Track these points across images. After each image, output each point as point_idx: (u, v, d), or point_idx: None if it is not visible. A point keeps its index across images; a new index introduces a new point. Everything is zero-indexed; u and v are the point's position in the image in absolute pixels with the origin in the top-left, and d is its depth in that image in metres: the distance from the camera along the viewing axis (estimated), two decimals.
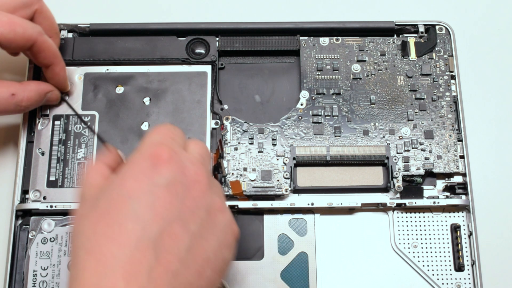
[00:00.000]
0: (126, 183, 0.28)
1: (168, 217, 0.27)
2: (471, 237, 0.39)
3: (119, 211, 0.27)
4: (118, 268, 0.25)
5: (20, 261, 0.38)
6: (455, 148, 0.41)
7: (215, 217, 0.29)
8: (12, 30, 0.35)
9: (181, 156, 0.29)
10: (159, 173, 0.28)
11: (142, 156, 0.29)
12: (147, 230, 0.26)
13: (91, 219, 0.27)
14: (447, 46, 0.44)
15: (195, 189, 0.29)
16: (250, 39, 0.44)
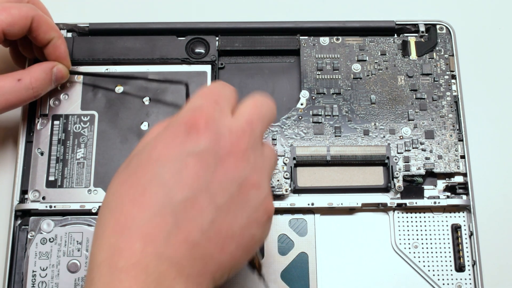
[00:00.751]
0: (157, 146, 0.27)
1: (194, 187, 0.26)
2: (472, 237, 0.39)
3: (145, 173, 0.27)
4: (136, 230, 0.25)
5: (19, 261, 0.38)
6: (455, 148, 0.41)
7: (247, 192, 0.28)
8: (9, 14, 0.36)
9: (219, 123, 0.28)
10: (191, 141, 0.27)
11: (178, 121, 0.28)
12: (170, 196, 0.26)
13: (120, 178, 0.27)
14: (447, 46, 0.44)
15: (228, 161, 0.27)
16: (250, 38, 0.44)
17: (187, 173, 0.26)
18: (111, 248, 0.25)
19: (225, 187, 0.27)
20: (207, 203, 0.26)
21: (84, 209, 0.39)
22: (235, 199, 0.27)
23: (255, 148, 0.29)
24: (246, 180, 0.28)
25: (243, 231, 0.28)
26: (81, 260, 0.38)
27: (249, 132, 0.28)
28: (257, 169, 0.28)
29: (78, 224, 0.39)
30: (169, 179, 0.26)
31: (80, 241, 0.39)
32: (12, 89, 0.37)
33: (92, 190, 0.40)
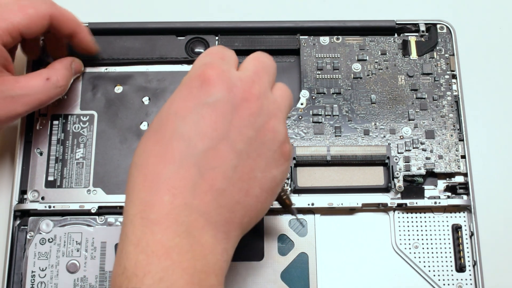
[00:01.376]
0: (174, 102, 0.28)
1: (214, 136, 0.28)
2: (473, 237, 0.39)
3: (166, 129, 0.28)
4: (163, 184, 0.27)
5: (18, 261, 0.38)
6: (456, 148, 0.41)
7: (264, 136, 0.29)
8: (25, 14, 0.35)
9: (230, 74, 0.29)
10: (206, 92, 0.28)
11: (191, 76, 0.29)
12: (191, 148, 0.27)
13: (145, 137, 0.29)
14: (448, 45, 0.43)
15: (243, 107, 0.29)
16: (250, 38, 0.43)
17: (205, 123, 0.28)
18: (142, 203, 0.27)
19: (243, 133, 0.28)
20: (227, 150, 0.28)
21: (83, 209, 0.39)
22: (253, 143, 0.29)
23: (266, 94, 0.30)
24: (263, 124, 0.29)
25: (264, 173, 0.29)
26: (80, 261, 0.38)
27: (257, 80, 0.30)
28: (270, 115, 0.30)
29: (77, 224, 0.39)
30: (188, 131, 0.27)
31: (79, 241, 0.39)
32: (42, 89, 0.37)
33: (92, 190, 0.40)
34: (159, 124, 0.29)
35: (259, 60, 0.32)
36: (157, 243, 0.26)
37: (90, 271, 0.38)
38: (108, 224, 0.39)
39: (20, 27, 0.35)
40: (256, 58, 0.32)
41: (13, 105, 0.36)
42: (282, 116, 0.31)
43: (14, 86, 0.36)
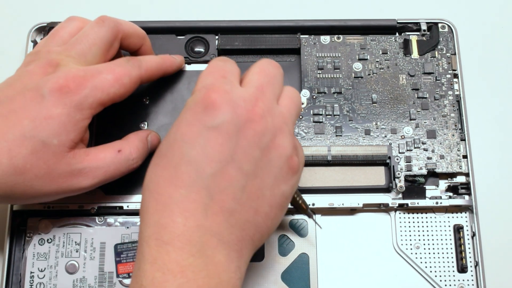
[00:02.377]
0: (180, 127, 0.29)
1: (221, 159, 0.28)
2: (474, 238, 0.39)
3: (174, 154, 0.28)
4: (176, 207, 0.27)
5: (17, 262, 0.38)
6: (458, 147, 0.41)
7: (270, 153, 0.30)
8: (121, 85, 0.34)
9: (233, 94, 0.29)
10: (210, 116, 0.29)
11: (195, 100, 0.29)
12: (200, 172, 0.28)
13: (154, 162, 0.30)
14: (449, 44, 0.43)
15: (248, 128, 0.29)
16: (250, 37, 0.43)
17: (211, 147, 0.28)
18: (155, 225, 0.28)
19: (249, 154, 0.29)
20: (235, 172, 0.28)
21: (82, 209, 0.39)
22: (260, 163, 0.29)
23: (271, 110, 0.30)
24: (268, 143, 0.29)
25: (272, 190, 0.30)
26: (80, 261, 0.38)
27: (261, 96, 0.30)
28: (276, 130, 0.30)
29: (77, 224, 0.39)
30: (196, 156, 0.28)
31: (78, 242, 0.38)
32: (112, 161, 0.35)
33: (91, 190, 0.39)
34: (167, 149, 0.29)
35: (263, 73, 0.31)
36: (172, 262, 0.27)
37: (89, 271, 0.38)
38: (107, 225, 0.39)
39: (115, 97, 0.34)
40: (260, 71, 0.32)
41: (78, 179, 0.33)
42: (289, 129, 0.31)
43: (83, 159, 0.33)
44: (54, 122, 0.32)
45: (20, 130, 0.31)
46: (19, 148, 0.31)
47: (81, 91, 0.32)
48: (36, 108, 0.32)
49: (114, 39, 0.36)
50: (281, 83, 0.33)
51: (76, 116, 0.32)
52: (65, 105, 0.32)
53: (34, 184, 0.32)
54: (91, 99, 0.33)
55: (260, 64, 0.32)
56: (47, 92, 0.32)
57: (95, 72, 0.33)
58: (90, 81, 0.33)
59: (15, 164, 0.31)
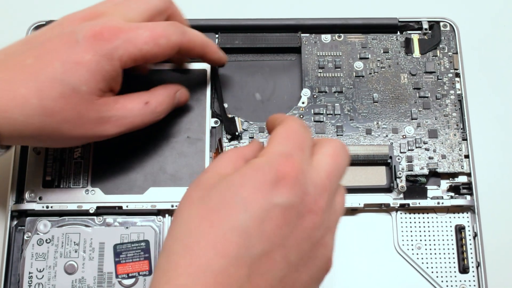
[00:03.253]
0: (244, 189, 0.26)
1: (273, 241, 0.26)
2: (476, 238, 0.39)
3: (228, 216, 0.26)
4: (210, 277, 0.25)
5: (16, 262, 0.38)
6: (459, 147, 0.40)
7: (317, 251, 0.28)
8: (156, 44, 0.33)
9: (306, 177, 0.27)
10: (280, 192, 0.26)
11: (269, 166, 0.27)
12: (249, 247, 0.25)
13: (199, 211, 0.26)
14: (451, 43, 0.43)
15: (308, 219, 0.27)
16: (251, 36, 0.43)
17: (270, 226, 0.26)
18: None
19: (300, 245, 0.27)
20: (281, 259, 0.26)
21: (81, 209, 0.38)
22: (305, 257, 0.27)
23: (331, 204, 0.29)
24: (319, 240, 0.28)
25: (304, 286, 0.27)
26: (78, 262, 0.38)
27: (329, 187, 0.28)
28: (328, 228, 0.28)
29: (75, 224, 0.38)
30: (251, 228, 0.25)
31: (77, 242, 0.38)
32: (138, 112, 0.35)
33: (90, 190, 0.39)
34: (220, 205, 0.26)
35: (335, 158, 0.29)
36: None
37: (88, 272, 0.38)
38: (106, 225, 0.39)
39: (148, 55, 0.33)
40: (333, 155, 0.29)
41: (105, 126, 0.34)
42: (335, 230, 0.29)
43: (112, 107, 0.34)
44: (83, 68, 0.32)
45: (51, 72, 0.31)
46: (49, 90, 0.31)
47: (113, 41, 0.32)
48: (68, 52, 0.32)
49: (164, 8, 0.36)
50: (344, 174, 0.30)
51: (105, 65, 0.32)
52: (96, 53, 0.32)
53: (62, 127, 0.32)
54: (122, 51, 0.32)
55: (335, 145, 0.30)
56: (81, 38, 0.32)
57: (133, 27, 0.33)
58: (125, 34, 0.32)
59: (44, 105, 0.31)
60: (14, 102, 0.31)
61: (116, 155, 0.40)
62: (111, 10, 0.34)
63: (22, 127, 0.32)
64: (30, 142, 0.33)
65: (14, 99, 0.31)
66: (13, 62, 0.32)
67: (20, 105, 0.31)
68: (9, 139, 0.32)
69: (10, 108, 0.31)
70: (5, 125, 0.31)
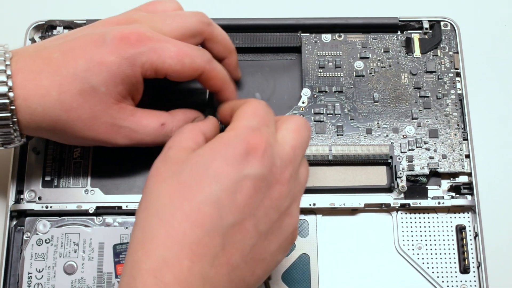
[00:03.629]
0: (215, 162, 0.27)
1: (245, 211, 0.27)
2: (477, 238, 0.39)
3: (201, 189, 0.27)
4: (186, 247, 0.26)
5: (15, 263, 0.38)
6: (460, 147, 0.40)
7: (283, 221, 0.29)
8: (180, 61, 0.33)
9: (273, 149, 0.29)
10: (250, 164, 0.27)
11: (238, 139, 0.28)
12: (223, 218, 0.27)
13: (171, 186, 0.27)
14: (452, 43, 0.43)
15: (275, 189, 0.28)
16: (250, 35, 0.43)
17: (241, 196, 0.27)
18: (159, 260, 0.26)
19: (268, 214, 0.28)
20: (252, 228, 0.28)
21: (81, 209, 0.38)
22: (273, 226, 0.29)
23: (295, 176, 0.30)
24: (285, 209, 0.29)
25: (272, 256, 0.29)
26: (78, 262, 0.38)
27: (293, 159, 0.30)
28: (294, 198, 0.30)
29: (75, 224, 0.38)
30: (224, 199, 0.27)
31: (76, 242, 0.38)
32: (152, 132, 0.35)
33: (89, 190, 0.39)
34: (193, 178, 0.27)
35: (298, 133, 0.31)
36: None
37: (87, 272, 0.38)
38: (106, 225, 0.39)
39: (169, 70, 0.33)
40: (296, 130, 0.31)
41: (116, 135, 0.34)
42: (299, 200, 0.31)
43: (127, 117, 0.34)
44: (105, 69, 0.32)
45: (74, 68, 0.32)
46: (69, 85, 0.32)
47: (138, 47, 0.32)
48: (93, 51, 0.32)
49: (198, 32, 0.36)
50: (307, 147, 0.32)
51: (125, 69, 0.32)
52: (119, 55, 0.32)
53: (75, 125, 0.33)
54: (145, 58, 0.32)
55: (296, 121, 0.31)
56: (109, 39, 0.32)
57: (161, 39, 0.33)
58: (152, 43, 0.33)
59: (62, 99, 0.32)
60: (36, 92, 0.32)
61: (115, 155, 0.40)
62: (146, 20, 0.34)
63: (40, 118, 0.32)
64: (45, 134, 0.34)
65: (37, 90, 0.32)
66: (40, 54, 0.33)
67: (40, 96, 0.32)
68: (27, 129, 0.33)
69: (31, 97, 0.32)
70: (24, 113, 0.32)
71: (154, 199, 0.28)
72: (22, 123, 0.32)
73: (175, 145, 0.30)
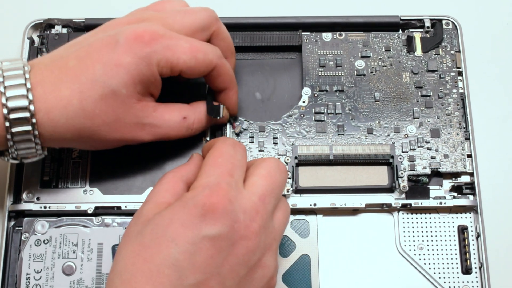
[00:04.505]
0: (173, 225, 0.28)
1: (206, 271, 0.27)
2: (479, 238, 0.39)
3: (160, 252, 0.27)
4: None
5: (13, 263, 0.37)
6: (462, 146, 0.40)
7: (255, 273, 0.29)
8: (194, 57, 0.33)
9: (235, 204, 0.28)
10: (208, 225, 0.28)
11: (195, 200, 0.28)
12: (183, 279, 0.27)
13: (134, 247, 0.28)
14: (454, 42, 0.43)
15: (241, 246, 0.28)
16: (251, 34, 0.43)
17: (201, 257, 0.27)
18: None
19: (235, 270, 0.28)
20: (217, 286, 0.27)
21: (79, 209, 0.38)
22: (243, 281, 0.28)
23: (267, 225, 0.30)
24: (256, 262, 0.29)
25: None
26: (77, 263, 0.38)
27: (262, 210, 0.29)
28: (266, 248, 0.29)
29: (74, 225, 0.38)
30: (182, 261, 0.27)
31: (75, 243, 0.38)
32: (175, 125, 0.35)
33: (88, 190, 0.39)
34: (152, 242, 0.28)
35: (269, 179, 0.31)
36: None
37: (86, 273, 0.37)
38: (105, 225, 0.38)
39: (184, 67, 0.33)
40: (266, 176, 0.31)
41: (141, 132, 0.34)
42: (276, 247, 0.31)
43: (149, 114, 0.34)
44: (123, 71, 0.32)
45: (92, 74, 0.32)
46: (90, 92, 0.32)
47: (153, 45, 0.32)
48: (109, 53, 0.32)
49: (207, 26, 0.36)
50: (282, 191, 0.32)
51: (143, 69, 0.32)
52: (135, 55, 0.32)
53: (100, 130, 0.33)
54: (160, 56, 0.32)
55: (268, 165, 0.31)
56: (123, 39, 0.32)
57: (174, 36, 0.33)
58: (166, 40, 0.33)
59: (84, 106, 0.32)
60: (57, 103, 0.31)
61: (114, 155, 0.39)
62: (156, 17, 0.34)
63: (63, 129, 0.32)
64: (69, 144, 0.34)
65: (58, 101, 0.31)
66: (57, 64, 0.32)
67: (62, 107, 0.32)
68: (50, 141, 0.33)
69: (53, 109, 0.31)
70: (47, 127, 0.32)
71: (119, 260, 0.28)
72: (45, 135, 0.32)
73: (151, 200, 0.30)
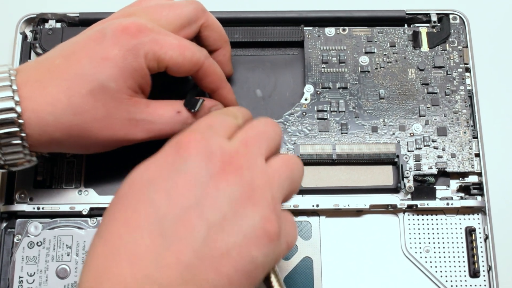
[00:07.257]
0: (149, 168, 0.28)
1: (184, 205, 0.26)
2: (487, 241, 0.38)
3: (136, 195, 0.27)
4: (125, 252, 0.25)
5: (5, 266, 0.37)
6: (470, 145, 0.40)
7: (243, 209, 0.27)
8: (181, 54, 0.33)
9: (211, 142, 0.28)
10: (181, 159, 0.27)
11: (170, 143, 0.28)
12: (160, 216, 0.26)
13: (111, 204, 0.28)
14: (461, 37, 0.42)
15: (220, 179, 0.27)
16: (251, 29, 0.42)
17: (177, 191, 0.26)
18: (98, 272, 0.25)
19: (216, 203, 0.27)
20: (197, 219, 0.26)
21: (74, 210, 0.38)
22: (228, 215, 0.27)
23: (252, 165, 0.28)
24: (240, 197, 0.27)
25: (240, 251, 0.26)
26: (71, 265, 0.37)
27: (242, 151, 0.28)
28: (254, 187, 0.28)
29: (68, 226, 0.38)
30: (159, 198, 0.26)
31: (69, 245, 0.37)
32: (169, 120, 0.35)
33: (83, 191, 0.39)
34: (129, 189, 0.27)
35: (252, 128, 0.30)
36: None
37: None
38: None
39: (170, 62, 0.33)
40: (250, 127, 0.30)
41: (135, 130, 0.34)
42: (272, 193, 0.28)
43: (142, 110, 0.34)
44: (110, 64, 0.32)
45: (79, 69, 0.32)
46: (78, 87, 0.32)
47: (140, 37, 0.32)
48: (95, 48, 0.32)
49: (194, 20, 0.36)
50: (275, 142, 0.31)
51: (131, 61, 0.32)
52: (122, 47, 0.32)
53: (91, 126, 0.32)
54: (147, 48, 0.32)
55: (254, 121, 0.31)
56: (110, 32, 0.32)
57: (162, 31, 0.33)
58: (153, 34, 0.33)
59: (73, 103, 0.32)
60: (44, 100, 0.31)
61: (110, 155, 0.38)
62: (142, 12, 0.35)
63: (52, 128, 0.32)
64: (59, 146, 0.33)
65: (44, 98, 0.31)
66: (43, 64, 0.33)
67: (50, 104, 0.31)
68: (38, 144, 0.32)
69: (40, 107, 0.31)
70: (35, 126, 0.31)
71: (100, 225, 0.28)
72: (33, 137, 0.31)
73: None
